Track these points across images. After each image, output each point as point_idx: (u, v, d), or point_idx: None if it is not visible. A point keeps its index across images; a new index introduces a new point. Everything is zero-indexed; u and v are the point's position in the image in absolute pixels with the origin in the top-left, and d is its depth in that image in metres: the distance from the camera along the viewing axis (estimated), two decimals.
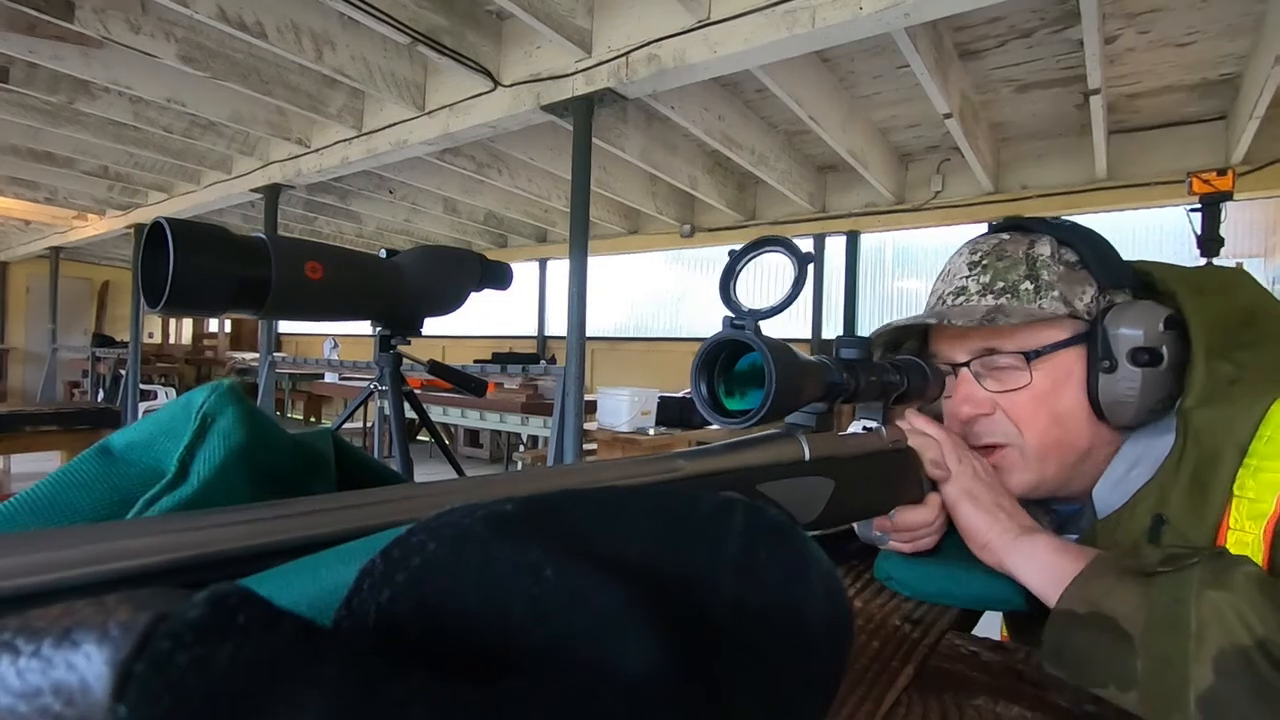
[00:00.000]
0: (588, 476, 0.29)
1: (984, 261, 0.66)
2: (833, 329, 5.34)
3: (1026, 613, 0.55)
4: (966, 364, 0.65)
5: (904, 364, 0.55)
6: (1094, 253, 0.63)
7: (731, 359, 0.45)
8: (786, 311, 0.42)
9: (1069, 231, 0.65)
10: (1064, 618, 0.48)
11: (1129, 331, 0.59)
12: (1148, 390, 0.58)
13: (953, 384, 0.65)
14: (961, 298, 0.65)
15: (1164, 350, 0.58)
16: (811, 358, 0.45)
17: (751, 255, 0.44)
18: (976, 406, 0.64)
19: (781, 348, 0.41)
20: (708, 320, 6.13)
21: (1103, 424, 0.62)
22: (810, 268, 0.42)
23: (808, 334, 5.42)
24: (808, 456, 0.44)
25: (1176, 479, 0.56)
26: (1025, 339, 0.62)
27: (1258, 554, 0.50)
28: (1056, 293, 0.62)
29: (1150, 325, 0.58)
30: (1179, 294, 0.60)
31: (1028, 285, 0.62)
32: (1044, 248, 0.64)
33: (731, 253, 0.44)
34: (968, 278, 0.66)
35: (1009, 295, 0.63)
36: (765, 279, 0.58)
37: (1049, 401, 0.61)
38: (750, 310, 0.42)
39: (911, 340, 0.72)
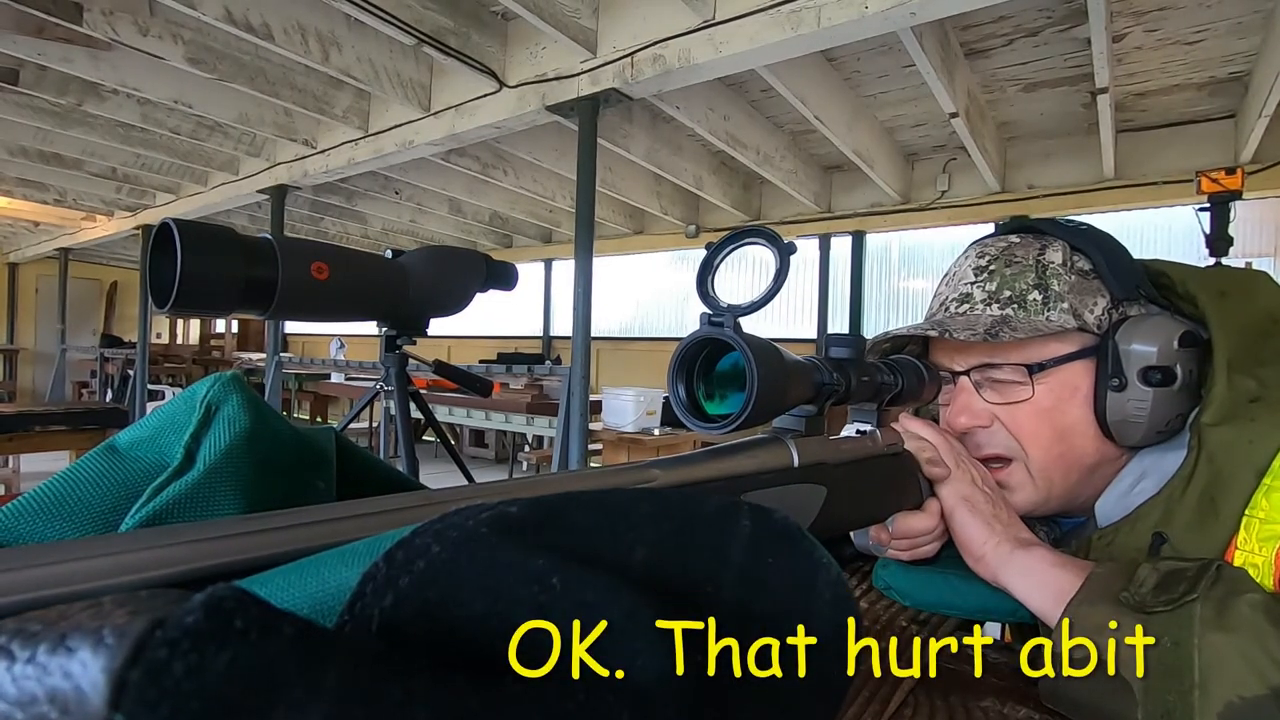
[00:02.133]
0: (555, 488, 0.27)
1: (991, 267, 0.63)
2: (838, 330, 5.32)
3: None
4: (966, 373, 0.62)
5: (899, 364, 0.53)
6: (1108, 261, 0.60)
7: (711, 360, 0.42)
8: (791, 312, 0.39)
9: (1083, 237, 0.62)
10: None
11: (1142, 348, 0.56)
12: (1158, 410, 0.55)
13: (950, 392, 0.63)
14: (965, 305, 0.63)
15: (1178, 369, 0.55)
16: (799, 357, 0.42)
17: (731, 248, 0.41)
18: (974, 418, 0.61)
19: (765, 346, 0.38)
20: None
21: (1110, 440, 0.59)
22: (792, 259, 0.39)
23: (813, 334, 5.41)
24: (796, 462, 0.41)
25: (1184, 497, 0.53)
26: (1029, 352, 0.59)
27: (1267, 579, 0.48)
28: (1066, 304, 0.59)
29: (1165, 342, 0.55)
30: (1200, 299, 0.57)
31: (1036, 295, 0.60)
32: (1055, 254, 0.61)
33: (709, 246, 0.41)
34: (973, 284, 0.63)
35: (1015, 305, 0.60)
36: (749, 273, 0.55)
37: (1051, 417, 0.59)
38: (729, 306, 0.39)
39: (912, 346, 0.70)
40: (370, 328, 1.45)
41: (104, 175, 5.37)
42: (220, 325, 11.24)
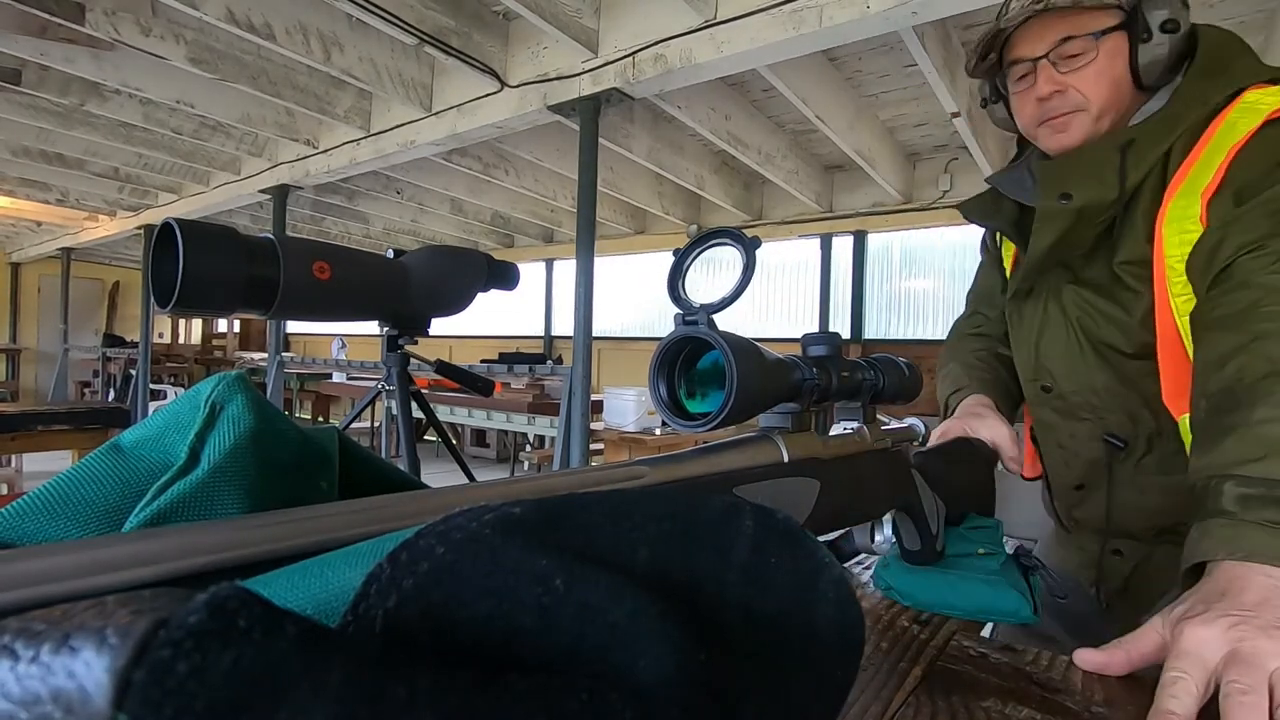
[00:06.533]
0: (540, 485, 0.27)
1: None
2: (840, 330, 5.31)
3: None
4: (1046, 55, 0.82)
5: (879, 361, 0.53)
6: None
7: (691, 359, 0.42)
8: (793, 313, 0.40)
9: None
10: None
11: (1159, 11, 0.79)
12: (1172, 53, 0.79)
13: (1028, 81, 0.85)
14: (1040, 3, 0.82)
15: (1180, 20, 0.78)
16: (779, 355, 0.43)
17: (698, 251, 0.42)
18: (1055, 85, 0.83)
19: (743, 343, 0.39)
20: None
21: (1138, 93, 0.83)
22: (758, 253, 0.39)
23: None
24: (786, 458, 0.41)
25: (1158, 118, 0.79)
26: (1091, 25, 0.80)
27: (1201, 187, 0.73)
28: None
29: (1174, 4, 0.79)
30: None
31: None
32: None
33: (676, 252, 0.43)
34: None
35: None
36: (718, 274, 0.55)
37: (1110, 71, 0.81)
38: (702, 305, 0.39)
39: (993, 54, 0.89)
40: (372, 327, 1.45)
41: (106, 175, 5.38)
42: (222, 325, 11.25)
